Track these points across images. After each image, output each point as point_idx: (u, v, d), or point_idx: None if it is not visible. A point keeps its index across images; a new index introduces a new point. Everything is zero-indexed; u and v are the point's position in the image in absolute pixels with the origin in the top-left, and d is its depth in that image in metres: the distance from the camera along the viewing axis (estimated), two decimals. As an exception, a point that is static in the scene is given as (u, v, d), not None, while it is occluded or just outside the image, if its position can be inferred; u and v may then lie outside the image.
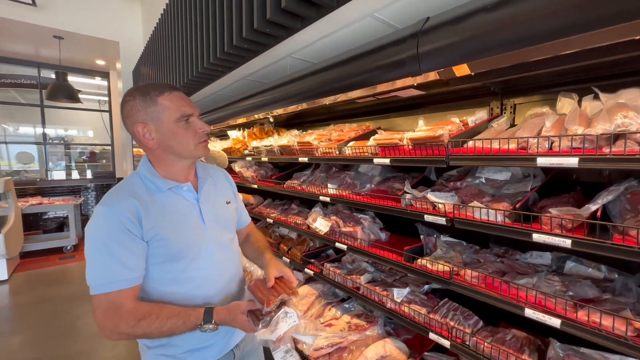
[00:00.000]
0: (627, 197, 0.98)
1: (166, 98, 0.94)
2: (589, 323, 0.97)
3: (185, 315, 0.90)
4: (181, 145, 0.96)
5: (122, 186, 0.97)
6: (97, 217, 0.89)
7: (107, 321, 0.86)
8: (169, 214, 0.96)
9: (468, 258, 1.50)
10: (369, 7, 1.26)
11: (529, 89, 1.49)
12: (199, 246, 1.01)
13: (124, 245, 0.87)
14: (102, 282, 0.86)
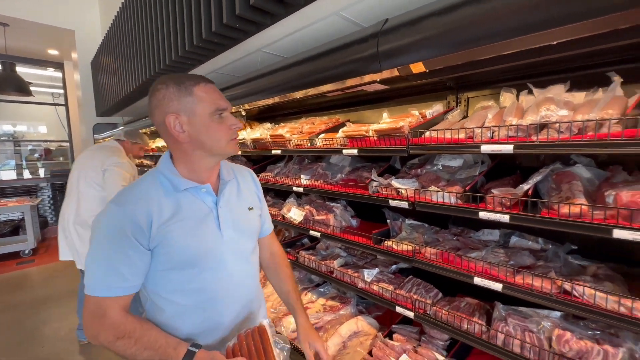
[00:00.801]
0: (553, 178, 1.16)
1: (202, 89, 0.88)
2: (524, 285, 1.15)
3: (165, 353, 0.82)
4: (213, 140, 0.89)
5: (137, 185, 0.90)
6: (107, 214, 0.84)
7: (91, 325, 0.82)
8: (181, 216, 0.88)
9: (429, 238, 1.66)
10: (334, 6, 1.35)
11: (480, 84, 1.65)
12: (211, 255, 0.92)
13: (124, 251, 0.81)
14: (93, 283, 0.81)
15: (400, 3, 1.27)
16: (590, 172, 1.13)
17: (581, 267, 1.26)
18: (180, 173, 0.92)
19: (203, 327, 0.94)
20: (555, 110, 1.01)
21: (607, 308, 0.98)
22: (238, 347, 0.89)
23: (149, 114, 0.91)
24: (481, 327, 1.29)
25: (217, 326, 0.96)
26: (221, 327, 0.97)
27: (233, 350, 0.89)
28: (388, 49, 1.12)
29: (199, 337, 0.94)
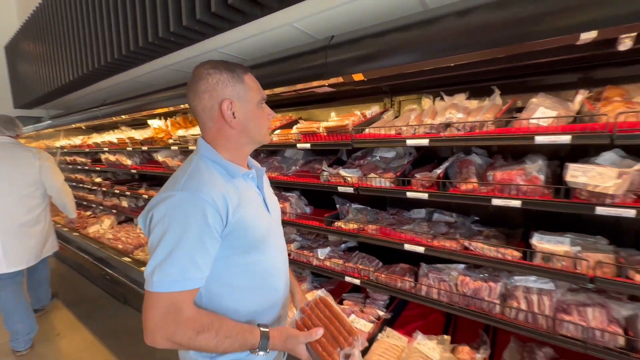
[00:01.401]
0: (457, 164, 1.54)
1: (250, 78, 0.91)
2: (439, 246, 1.51)
3: (243, 338, 0.82)
4: (258, 128, 0.92)
5: (197, 170, 0.86)
6: (177, 202, 0.78)
7: (164, 326, 0.74)
8: (247, 201, 0.89)
9: (371, 218, 1.98)
10: (288, 18, 1.55)
11: (409, 90, 2.01)
12: (269, 236, 0.96)
13: (202, 240, 0.78)
14: (168, 279, 0.75)
15: (343, 20, 1.53)
16: (481, 159, 1.53)
17: (479, 232, 1.67)
18: (226, 159, 0.91)
19: (264, 305, 0.96)
20: (455, 113, 1.37)
21: (491, 256, 1.38)
22: (308, 320, 0.93)
23: (191, 97, 0.89)
24: (410, 283, 1.64)
25: (275, 303, 0.99)
26: (278, 303, 1.00)
27: (304, 323, 0.92)
28: (334, 60, 1.37)
29: (262, 316, 0.95)
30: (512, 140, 1.23)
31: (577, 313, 1.24)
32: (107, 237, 3.57)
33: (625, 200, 1.09)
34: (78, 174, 4.77)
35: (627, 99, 1.18)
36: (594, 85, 1.48)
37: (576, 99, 1.26)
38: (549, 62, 1.35)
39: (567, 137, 1.10)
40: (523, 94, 1.62)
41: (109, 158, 3.70)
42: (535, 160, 1.29)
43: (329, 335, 0.90)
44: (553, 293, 1.30)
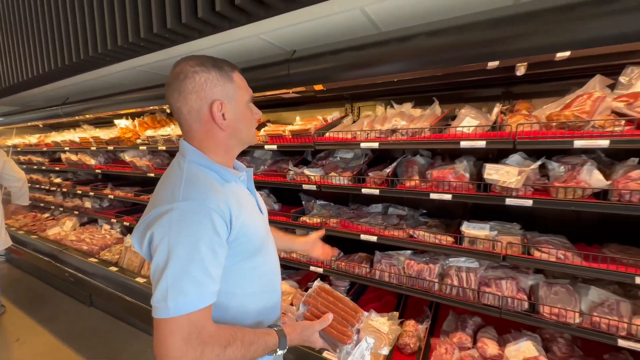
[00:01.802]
0: (405, 164, 1.78)
1: (238, 76, 0.85)
2: (389, 235, 1.74)
3: (265, 341, 0.81)
4: (247, 129, 0.88)
5: (196, 178, 0.79)
6: (182, 215, 0.71)
7: (190, 350, 0.67)
8: (243, 205, 0.85)
9: (334, 213, 2.18)
10: (255, 30, 1.69)
11: (366, 97, 2.24)
12: (266, 237, 0.93)
13: (214, 251, 0.73)
14: (186, 299, 0.68)
15: (306, 34, 1.70)
16: (424, 160, 1.79)
17: (425, 222, 1.93)
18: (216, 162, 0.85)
19: (266, 308, 0.94)
20: (400, 121, 1.61)
21: (430, 242, 1.63)
22: (314, 309, 0.97)
23: (175, 97, 0.80)
24: (365, 269, 1.86)
25: (276, 303, 0.98)
26: (277, 303, 0.99)
27: (311, 313, 0.96)
28: (296, 72, 1.55)
29: (264, 320, 0.93)
30: (443, 144, 1.48)
31: (495, 285, 1.52)
32: (69, 239, 3.47)
33: (526, 193, 1.38)
34: (34, 174, 4.53)
35: (531, 112, 1.47)
36: (513, 98, 1.79)
37: (494, 111, 1.54)
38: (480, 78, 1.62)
39: (482, 143, 1.36)
40: (459, 103, 1.91)
41: (71, 158, 3.59)
42: (462, 161, 1.55)
43: (338, 317, 0.95)
44: (477, 270, 1.58)
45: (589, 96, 1.21)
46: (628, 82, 1.22)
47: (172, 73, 0.81)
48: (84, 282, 2.89)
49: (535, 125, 1.29)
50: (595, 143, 1.16)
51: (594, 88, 1.26)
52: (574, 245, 1.53)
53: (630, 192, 1.18)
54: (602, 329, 1.30)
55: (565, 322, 1.36)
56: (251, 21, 1.54)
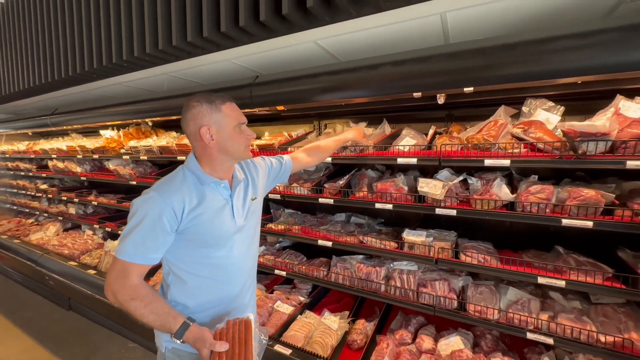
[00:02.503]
0: (358, 177, 1.99)
1: (228, 107, 1.10)
2: (342, 241, 1.93)
3: (166, 319, 1.01)
4: (235, 147, 1.11)
5: (173, 178, 1.10)
6: (146, 199, 1.01)
7: (114, 284, 0.99)
8: (207, 204, 1.09)
9: (299, 221, 2.37)
10: (227, 56, 1.91)
11: (331, 116, 2.46)
12: (225, 237, 1.13)
13: (155, 231, 1.00)
14: (126, 249, 0.99)
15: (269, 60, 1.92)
16: (374, 173, 2.00)
17: (379, 230, 2.13)
18: (204, 171, 1.12)
19: (218, 296, 1.17)
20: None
21: (377, 247, 1.82)
22: (225, 332, 1.05)
23: (182, 123, 1.12)
24: (323, 272, 2.04)
25: (229, 296, 1.19)
26: (232, 297, 1.19)
27: (220, 333, 1.05)
28: (257, 94, 1.77)
29: (215, 305, 1.16)
30: (384, 160, 1.69)
31: (430, 286, 1.71)
32: (52, 244, 3.57)
33: (452, 204, 1.59)
34: (21, 180, 4.63)
35: (461, 133, 1.70)
36: (454, 120, 2.03)
37: (430, 132, 1.76)
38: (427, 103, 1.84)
39: (414, 160, 1.58)
40: (410, 123, 2.14)
41: (57, 165, 3.73)
42: (400, 175, 1.77)
43: (229, 354, 1.00)
44: (416, 273, 1.77)
45: (495, 123, 1.44)
46: (528, 111, 1.45)
47: (183, 106, 1.13)
48: (63, 285, 2.99)
49: (456, 145, 1.51)
50: (500, 162, 1.38)
51: (500, 116, 1.49)
52: (501, 251, 1.74)
53: (530, 204, 1.39)
54: (514, 323, 1.49)
55: (486, 318, 1.55)
56: (220, 50, 1.76)
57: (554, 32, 1.14)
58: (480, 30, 1.44)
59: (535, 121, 1.38)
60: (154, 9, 1.74)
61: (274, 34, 1.50)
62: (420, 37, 1.51)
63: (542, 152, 1.36)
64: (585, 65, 1.06)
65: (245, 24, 1.41)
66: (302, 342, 1.78)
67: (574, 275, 1.37)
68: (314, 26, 1.39)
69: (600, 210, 1.29)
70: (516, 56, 1.19)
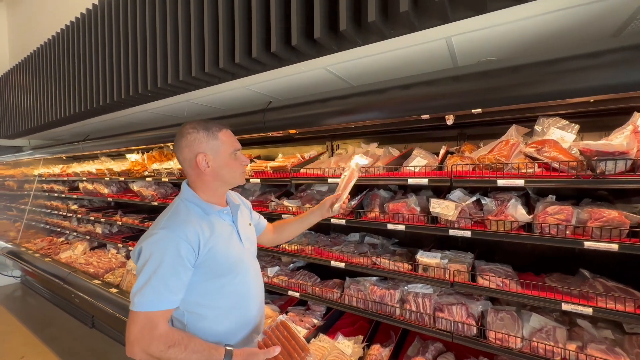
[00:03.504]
0: (370, 197, 1.99)
1: (224, 134, 1.11)
2: (355, 262, 1.91)
3: (209, 354, 0.96)
4: (231, 173, 1.12)
5: (177, 211, 1.07)
6: (158, 239, 0.97)
7: (141, 339, 0.91)
8: (218, 234, 1.08)
9: (312, 241, 2.37)
10: (242, 84, 2.02)
11: (344, 137, 2.51)
12: (240, 262, 1.14)
13: (176, 269, 0.96)
14: (147, 300, 0.92)
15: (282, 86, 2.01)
16: (386, 194, 1.99)
17: (393, 251, 2.09)
18: (202, 199, 1.11)
19: (239, 323, 1.14)
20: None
21: (390, 269, 1.79)
22: (268, 340, 1.07)
23: (176, 150, 1.12)
24: (337, 294, 2.01)
25: (248, 321, 1.17)
26: (251, 321, 1.18)
27: (264, 343, 1.06)
28: (270, 119, 1.84)
29: (236, 334, 1.14)
30: (394, 181, 1.69)
31: (447, 311, 1.65)
32: (79, 262, 3.74)
33: (466, 225, 1.55)
34: (54, 201, 4.94)
35: (474, 152, 1.68)
36: (466, 139, 2.01)
37: (441, 152, 1.75)
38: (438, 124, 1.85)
39: (425, 180, 1.57)
40: (422, 142, 2.14)
41: (87, 187, 3.97)
42: (412, 196, 1.75)
43: (285, 352, 1.05)
44: (432, 296, 1.71)
45: (506, 142, 1.42)
46: (542, 130, 1.42)
47: (177, 133, 1.13)
48: (87, 303, 3.10)
49: (467, 165, 1.50)
50: (513, 182, 1.35)
51: (512, 135, 1.47)
52: (522, 274, 1.66)
53: (549, 225, 1.34)
54: (539, 353, 1.40)
55: (508, 346, 1.47)
56: (235, 78, 1.87)
57: (560, 54, 1.14)
58: (487, 51, 1.45)
59: (549, 140, 1.35)
60: (175, 44, 1.88)
61: (285, 62, 1.58)
62: (428, 60, 1.54)
63: (558, 171, 1.32)
64: (594, 85, 1.05)
65: (258, 55, 1.50)
66: (315, 367, 1.75)
67: (602, 302, 1.28)
68: (322, 55, 1.46)
69: (625, 232, 1.22)
70: (522, 78, 1.19)
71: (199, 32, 1.76)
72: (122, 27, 2.27)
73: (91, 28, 2.57)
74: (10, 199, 5.31)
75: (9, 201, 5.27)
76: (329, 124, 1.71)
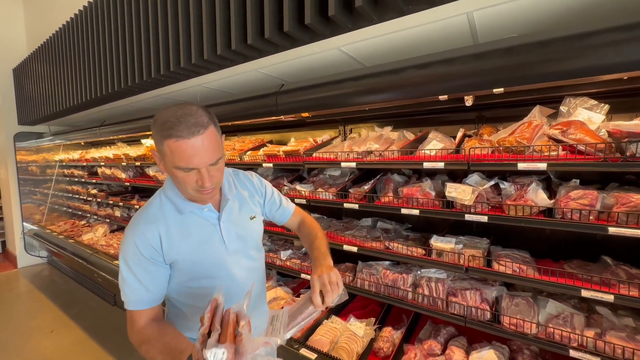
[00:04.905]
0: (384, 181, 1.96)
1: (171, 144, 0.83)
2: (367, 246, 1.91)
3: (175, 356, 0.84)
4: (180, 187, 0.93)
5: (148, 207, 0.98)
6: (123, 239, 0.93)
7: (129, 332, 0.94)
8: (190, 236, 0.97)
9: (325, 225, 2.38)
10: (254, 66, 1.99)
11: (357, 120, 2.46)
12: (219, 267, 1.01)
13: (146, 269, 0.92)
14: (126, 299, 0.93)
15: (295, 68, 1.98)
16: (401, 178, 1.96)
17: (407, 237, 2.08)
18: (183, 195, 0.96)
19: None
20: (374, 144, 1.81)
21: (404, 253, 1.78)
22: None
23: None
24: (349, 277, 2.03)
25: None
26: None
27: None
28: (282, 102, 1.81)
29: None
30: (409, 165, 1.66)
31: (460, 295, 1.64)
32: (100, 244, 3.90)
33: (483, 210, 1.52)
34: (75, 185, 5.12)
35: (493, 135, 1.62)
36: (485, 122, 1.94)
37: (458, 135, 1.70)
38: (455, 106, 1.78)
39: (441, 164, 1.53)
40: (438, 126, 2.08)
41: (105, 172, 4.08)
42: (427, 180, 1.72)
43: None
44: (445, 281, 1.70)
45: (529, 124, 1.36)
46: (567, 111, 1.35)
47: None
48: (109, 282, 3.25)
49: (486, 149, 1.45)
50: (535, 166, 1.30)
51: (535, 117, 1.40)
52: (540, 261, 1.63)
53: (571, 210, 1.29)
54: (555, 339, 1.38)
55: (522, 332, 1.45)
56: (248, 60, 1.84)
57: (592, 27, 1.06)
58: (511, 27, 1.37)
59: (575, 121, 1.28)
60: (187, 27, 1.86)
61: (298, 43, 1.54)
62: (447, 38, 1.48)
63: (584, 154, 1.25)
64: (630, 60, 0.97)
65: (271, 35, 1.47)
66: (328, 347, 1.79)
67: (624, 289, 1.24)
68: (337, 34, 1.41)
69: (654, 217, 1.16)
70: (551, 53, 1.12)
71: (211, 14, 1.73)
72: (133, 12, 2.26)
73: (103, 14, 2.57)
74: (34, 184, 5.53)
75: (33, 185, 5.49)
76: (343, 107, 1.67)
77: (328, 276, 0.90)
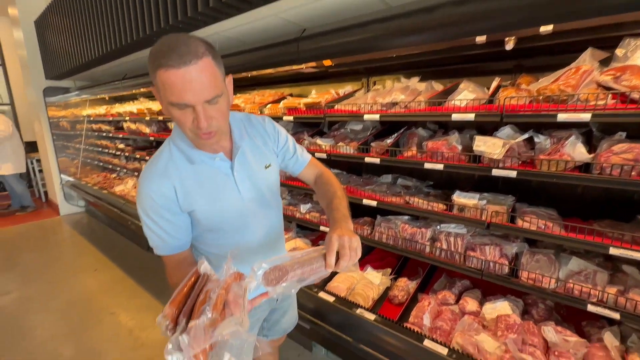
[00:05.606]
0: (407, 136, 1.89)
1: (163, 75, 0.73)
2: (388, 201, 1.91)
3: None
4: (182, 129, 0.83)
5: (158, 158, 0.92)
6: (139, 192, 0.91)
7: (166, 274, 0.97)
8: (203, 187, 0.93)
9: (344, 180, 2.38)
10: (273, 11, 1.87)
11: (382, 71, 2.32)
12: (235, 217, 0.99)
13: (165, 218, 0.90)
14: (154, 245, 0.94)
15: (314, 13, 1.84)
16: (425, 132, 1.88)
17: (428, 193, 2.06)
18: (193, 143, 0.90)
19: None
20: (399, 94, 1.71)
21: (424, 208, 1.77)
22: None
23: None
24: (367, 230, 2.07)
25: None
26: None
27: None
28: (304, 49, 1.72)
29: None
30: (436, 117, 1.58)
31: (479, 250, 1.64)
32: (131, 195, 4.15)
33: (512, 165, 1.45)
34: (103, 140, 5.33)
35: (532, 85, 1.49)
36: (524, 72, 1.77)
37: (493, 84, 1.57)
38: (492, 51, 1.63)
39: (472, 115, 1.44)
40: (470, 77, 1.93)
41: (130, 126, 4.19)
42: (454, 133, 1.64)
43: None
44: (465, 236, 1.70)
45: (576, 70, 1.23)
46: (624, 54, 1.20)
47: None
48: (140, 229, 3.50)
49: (523, 99, 1.34)
50: (577, 117, 1.20)
51: (585, 61, 1.26)
52: (568, 219, 1.57)
53: (611, 165, 1.21)
54: (574, 294, 1.39)
55: (540, 286, 1.46)
56: (267, 3, 1.73)
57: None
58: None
59: (633, 66, 1.14)
60: (203, -36, 1.74)
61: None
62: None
63: (637, 103, 1.13)
64: None
65: (292, -31, 1.35)
66: (345, 293, 1.89)
67: (657, 248, 1.19)
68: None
69: None
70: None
71: (227, -54, 1.60)
72: (147, -51, 2.12)
73: (116, -48, 2.44)
74: (66, 139, 5.80)
75: (65, 140, 5.77)
76: (369, 52, 1.56)
77: (349, 240, 0.80)
